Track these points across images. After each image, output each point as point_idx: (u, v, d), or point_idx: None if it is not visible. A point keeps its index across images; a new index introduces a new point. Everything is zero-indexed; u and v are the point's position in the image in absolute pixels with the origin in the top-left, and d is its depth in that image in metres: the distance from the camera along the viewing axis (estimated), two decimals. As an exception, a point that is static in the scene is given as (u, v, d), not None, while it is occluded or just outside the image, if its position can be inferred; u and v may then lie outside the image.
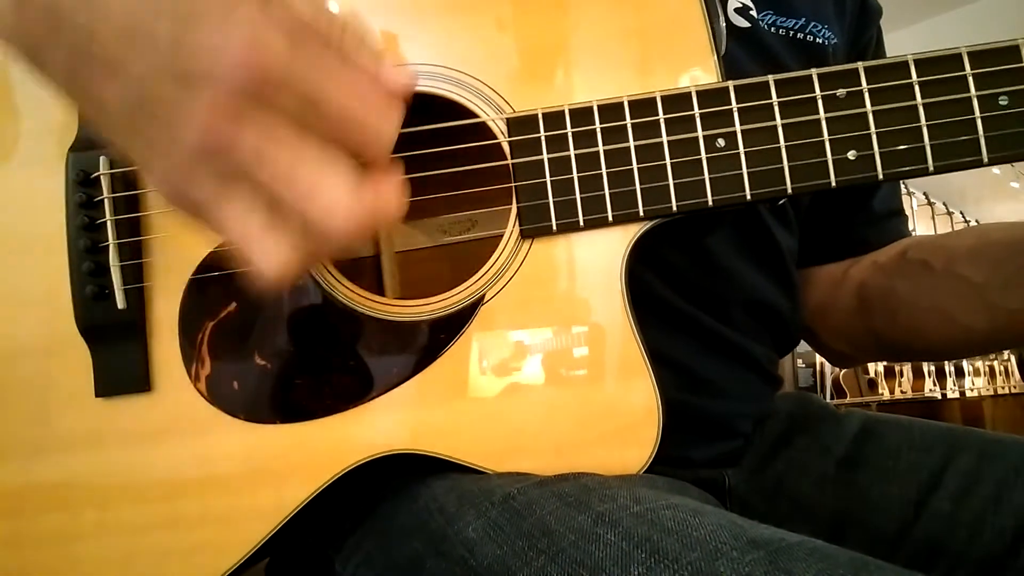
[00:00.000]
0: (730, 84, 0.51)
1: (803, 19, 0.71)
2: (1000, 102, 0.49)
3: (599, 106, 0.52)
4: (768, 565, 0.35)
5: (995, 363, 5.00)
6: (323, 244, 0.36)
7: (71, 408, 0.54)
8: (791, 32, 0.71)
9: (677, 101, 0.52)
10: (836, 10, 0.76)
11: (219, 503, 0.53)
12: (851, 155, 0.51)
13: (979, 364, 4.88)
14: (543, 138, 0.52)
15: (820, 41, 0.73)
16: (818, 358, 4.89)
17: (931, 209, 5.42)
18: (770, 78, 0.51)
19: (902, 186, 0.97)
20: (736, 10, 0.69)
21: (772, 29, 0.70)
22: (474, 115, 0.54)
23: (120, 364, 0.54)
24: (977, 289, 0.65)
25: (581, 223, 0.52)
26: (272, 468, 0.53)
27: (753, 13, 0.69)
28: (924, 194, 5.24)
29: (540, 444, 0.52)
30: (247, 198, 0.36)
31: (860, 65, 0.51)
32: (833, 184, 0.51)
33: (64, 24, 0.36)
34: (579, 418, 0.52)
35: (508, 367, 0.53)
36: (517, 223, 0.53)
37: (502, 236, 0.54)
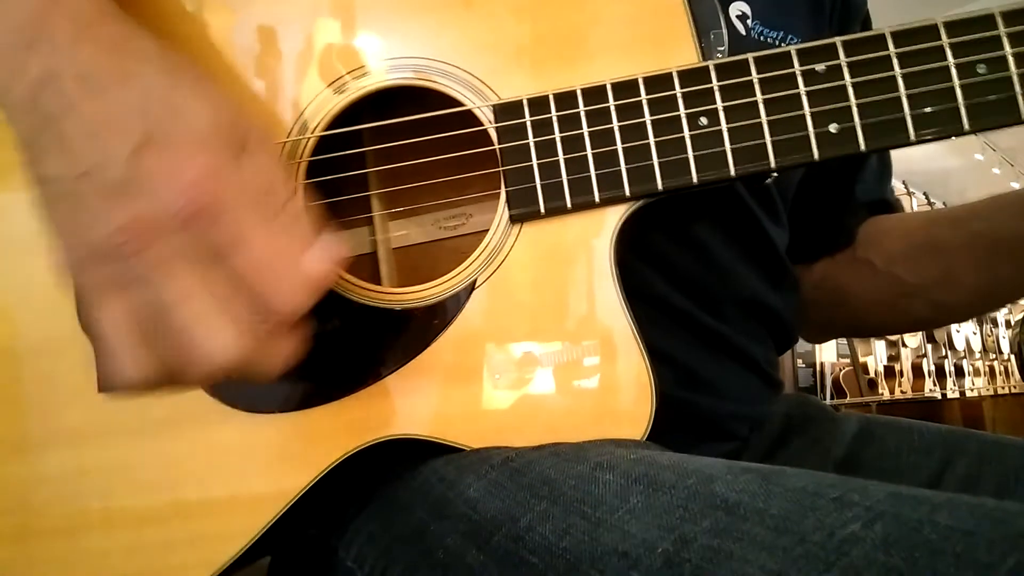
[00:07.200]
0: (710, 63, 0.52)
1: (781, 31, 0.73)
2: (978, 70, 0.50)
3: (582, 90, 0.53)
4: (761, 481, 0.37)
5: (995, 363, 5.00)
6: (184, 376, 0.40)
7: (74, 403, 0.54)
8: (776, 42, 0.73)
9: (658, 82, 0.52)
10: (811, 20, 0.77)
11: (221, 492, 0.53)
12: (833, 128, 0.51)
13: (979, 364, 4.88)
14: (528, 123, 0.53)
15: None
16: (818, 358, 4.89)
17: (931, 209, 5.42)
18: (749, 56, 0.52)
19: (902, 186, 0.99)
20: (736, 17, 0.70)
21: (761, 38, 0.72)
22: (461, 105, 0.55)
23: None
24: (912, 287, 0.76)
25: (569, 205, 0.53)
26: (272, 457, 0.54)
27: (749, 22, 0.71)
28: (924, 194, 5.25)
29: (534, 424, 0.53)
30: (128, 307, 0.39)
31: (838, 40, 0.52)
32: (816, 157, 0.51)
33: (43, 97, 0.39)
34: (573, 397, 0.53)
35: (501, 350, 0.54)
36: (506, 208, 0.54)
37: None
